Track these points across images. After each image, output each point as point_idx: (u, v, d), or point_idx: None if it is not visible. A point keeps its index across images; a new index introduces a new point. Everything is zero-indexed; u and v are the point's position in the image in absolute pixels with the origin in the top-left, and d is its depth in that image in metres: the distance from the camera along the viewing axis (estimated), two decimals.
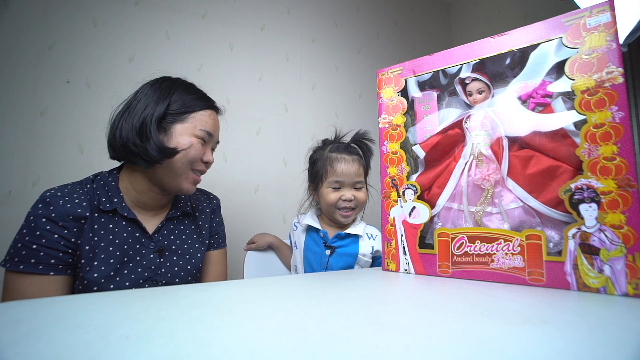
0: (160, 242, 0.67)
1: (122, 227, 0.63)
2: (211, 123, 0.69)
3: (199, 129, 0.66)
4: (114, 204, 0.62)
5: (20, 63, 1.00)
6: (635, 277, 0.32)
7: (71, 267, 0.58)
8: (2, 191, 0.95)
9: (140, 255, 0.63)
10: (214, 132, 0.70)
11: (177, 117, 0.64)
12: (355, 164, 0.82)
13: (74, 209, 0.58)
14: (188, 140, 0.64)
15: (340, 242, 0.83)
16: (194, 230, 0.74)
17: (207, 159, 0.68)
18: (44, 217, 0.56)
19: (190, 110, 0.66)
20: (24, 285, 0.54)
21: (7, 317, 0.25)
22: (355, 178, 0.82)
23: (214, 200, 0.83)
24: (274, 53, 1.39)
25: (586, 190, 0.36)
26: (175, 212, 0.71)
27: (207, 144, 0.69)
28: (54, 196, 0.58)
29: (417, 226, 0.47)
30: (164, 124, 0.63)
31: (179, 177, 0.65)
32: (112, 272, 0.59)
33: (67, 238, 0.57)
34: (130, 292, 0.33)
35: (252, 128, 1.32)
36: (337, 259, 0.81)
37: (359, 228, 0.84)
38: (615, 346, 0.20)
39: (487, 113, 0.44)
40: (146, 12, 1.18)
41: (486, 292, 0.35)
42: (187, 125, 0.65)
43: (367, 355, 0.19)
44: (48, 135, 1.01)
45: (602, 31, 0.36)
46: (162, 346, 0.20)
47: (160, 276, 0.65)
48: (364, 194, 0.84)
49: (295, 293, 0.34)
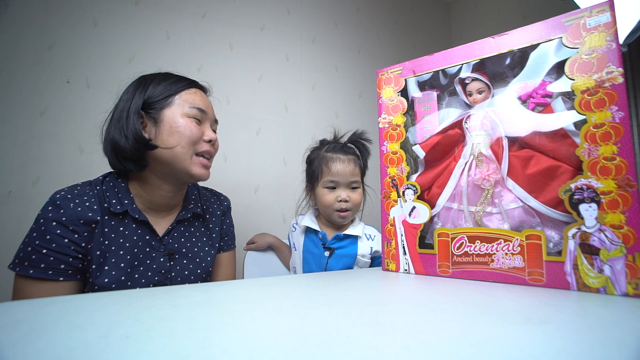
0: (170, 245, 0.65)
1: (132, 230, 0.61)
2: (199, 99, 0.66)
3: (188, 107, 0.63)
4: (124, 205, 0.61)
5: (20, 63, 1.00)
6: (635, 277, 0.32)
7: (81, 272, 0.57)
8: (2, 191, 0.95)
9: (150, 259, 0.62)
10: (206, 109, 0.67)
11: (163, 103, 0.62)
12: (350, 163, 0.82)
13: (84, 213, 0.57)
14: (181, 121, 0.62)
15: (339, 243, 0.82)
16: (204, 233, 0.73)
17: (208, 137, 0.65)
18: (54, 221, 0.55)
19: (173, 93, 0.64)
20: (33, 290, 0.53)
21: (7, 317, 0.25)
22: (351, 178, 0.81)
23: (224, 202, 0.81)
24: (274, 53, 1.39)
25: (586, 190, 0.36)
26: (185, 213, 0.69)
27: (204, 122, 0.66)
28: (64, 198, 0.57)
29: (417, 226, 0.47)
30: (152, 114, 0.62)
31: (184, 163, 0.62)
32: (123, 277, 0.58)
33: (77, 243, 0.56)
34: (131, 292, 0.33)
35: (252, 128, 1.32)
36: (336, 260, 0.81)
37: (358, 229, 0.84)
38: (615, 346, 0.20)
39: (487, 113, 0.44)
40: (146, 12, 1.18)
41: (486, 292, 0.35)
42: (174, 107, 0.63)
43: (367, 355, 0.19)
44: (48, 135, 1.01)
45: (602, 31, 0.36)
46: (162, 346, 0.20)
47: (171, 280, 0.64)
48: (359, 195, 0.83)
49: (295, 293, 0.34)
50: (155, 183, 0.64)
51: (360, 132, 0.87)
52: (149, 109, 0.62)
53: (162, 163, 0.62)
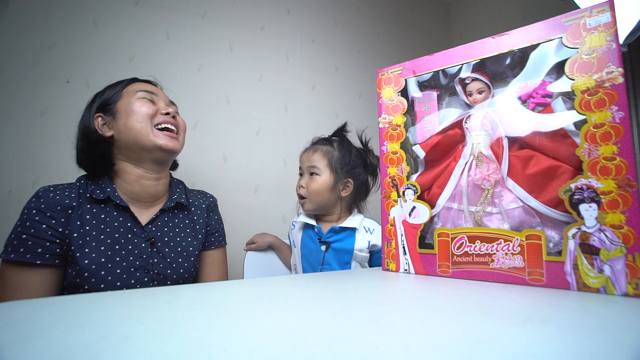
0: (152, 233, 0.68)
1: (114, 217, 0.65)
2: (144, 85, 0.72)
3: (137, 92, 0.69)
4: (106, 192, 0.64)
5: (20, 63, 1.00)
6: (635, 277, 0.32)
7: (59, 257, 0.60)
8: (2, 191, 0.95)
9: (132, 244, 0.65)
10: (155, 91, 0.72)
11: (115, 98, 0.69)
12: (316, 152, 0.83)
13: (62, 200, 0.61)
14: (133, 103, 0.67)
15: (336, 236, 0.81)
16: (188, 225, 0.74)
17: (164, 110, 0.70)
18: (35, 209, 0.60)
19: (120, 88, 0.70)
20: (13, 274, 0.57)
21: (7, 317, 0.25)
22: (308, 163, 0.82)
23: (210, 198, 0.83)
24: (274, 53, 1.39)
25: (586, 190, 0.36)
26: (169, 203, 0.72)
27: (156, 101, 0.71)
28: (46, 190, 0.62)
29: (417, 226, 0.47)
30: (110, 110, 0.68)
31: (147, 137, 0.67)
32: (103, 259, 0.60)
33: (54, 228, 0.59)
34: (131, 292, 0.33)
35: (252, 128, 1.32)
36: (333, 254, 0.80)
37: (356, 220, 0.82)
38: (615, 346, 0.20)
39: (487, 113, 0.44)
40: (146, 12, 1.18)
41: (486, 292, 0.35)
42: (125, 97, 0.69)
43: (367, 355, 0.19)
44: (48, 135, 1.01)
45: (602, 31, 0.36)
46: (162, 346, 0.20)
47: (153, 266, 0.65)
48: (315, 183, 0.81)
49: (295, 293, 0.34)
50: (133, 172, 0.68)
51: (342, 126, 0.88)
52: (105, 110, 0.68)
53: (130, 147, 0.67)
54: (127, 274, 0.62)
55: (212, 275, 0.78)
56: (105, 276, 0.60)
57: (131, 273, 0.62)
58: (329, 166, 0.82)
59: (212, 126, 1.23)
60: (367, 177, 0.87)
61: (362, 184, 0.86)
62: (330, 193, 0.82)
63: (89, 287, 0.59)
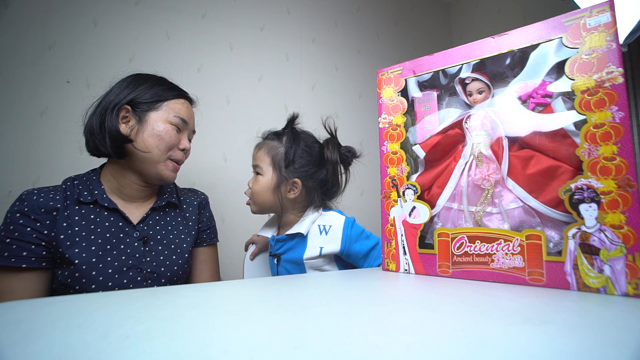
0: (145, 232, 0.67)
1: (104, 218, 0.64)
2: (185, 110, 0.71)
3: (173, 116, 0.68)
4: (94, 195, 0.64)
5: (20, 63, 1.00)
6: (635, 277, 0.32)
7: (46, 259, 0.59)
8: (2, 191, 0.95)
9: (124, 243, 0.64)
10: (189, 120, 0.72)
11: (151, 106, 0.67)
12: (261, 148, 0.73)
13: (45, 202, 0.61)
14: (163, 126, 0.66)
15: (286, 246, 0.70)
16: (180, 222, 0.74)
17: (183, 146, 0.70)
18: (18, 213, 0.59)
19: (162, 99, 0.68)
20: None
21: (7, 317, 0.25)
22: (253, 161, 0.73)
23: (201, 195, 0.83)
24: (274, 53, 1.39)
25: (586, 190, 0.36)
26: (160, 202, 0.72)
27: (183, 132, 0.71)
28: (29, 193, 0.61)
29: (417, 226, 0.47)
30: (138, 112, 0.66)
31: (157, 165, 0.67)
32: (95, 259, 0.60)
33: (39, 230, 0.59)
34: (131, 292, 0.33)
35: (252, 128, 1.31)
36: (287, 267, 0.69)
37: (304, 224, 0.68)
38: (615, 346, 0.20)
39: (487, 113, 0.44)
40: (146, 12, 1.18)
41: (486, 292, 0.35)
42: (160, 112, 0.67)
43: (367, 355, 0.19)
44: (48, 135, 1.01)
45: (602, 31, 0.36)
46: (162, 346, 0.20)
47: (145, 264, 0.65)
48: (256, 183, 0.71)
49: (295, 293, 0.34)
50: (125, 174, 0.68)
51: (291, 117, 0.76)
52: (136, 106, 0.66)
53: (137, 159, 0.66)
54: (119, 273, 0.61)
55: (204, 273, 0.77)
56: (96, 276, 0.59)
57: (123, 272, 0.61)
58: (272, 165, 0.70)
59: (212, 126, 1.23)
60: (329, 174, 0.72)
61: (321, 183, 0.72)
62: (273, 195, 0.70)
63: (80, 287, 0.58)
